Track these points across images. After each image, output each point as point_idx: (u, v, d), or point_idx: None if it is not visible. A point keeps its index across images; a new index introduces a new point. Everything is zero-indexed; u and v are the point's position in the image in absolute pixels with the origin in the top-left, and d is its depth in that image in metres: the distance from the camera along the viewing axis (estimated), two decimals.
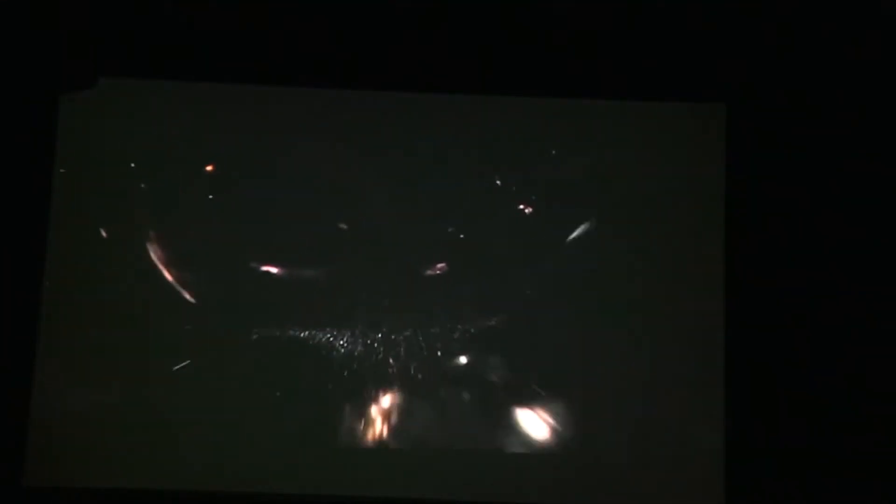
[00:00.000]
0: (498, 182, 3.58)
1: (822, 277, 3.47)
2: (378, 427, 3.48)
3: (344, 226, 3.56)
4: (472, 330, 3.52)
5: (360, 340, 3.51)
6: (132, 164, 3.55)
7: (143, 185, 3.54)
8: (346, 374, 3.49)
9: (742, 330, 3.47)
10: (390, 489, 3.45)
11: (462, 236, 3.56)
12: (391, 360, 3.50)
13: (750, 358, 3.46)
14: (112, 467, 3.43)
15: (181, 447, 3.44)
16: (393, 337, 3.51)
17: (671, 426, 3.46)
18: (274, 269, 3.53)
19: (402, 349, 3.51)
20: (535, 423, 3.48)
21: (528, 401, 3.48)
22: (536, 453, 3.46)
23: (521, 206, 3.57)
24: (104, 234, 3.52)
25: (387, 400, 3.49)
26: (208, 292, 3.51)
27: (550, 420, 3.48)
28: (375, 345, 3.51)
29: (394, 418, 3.48)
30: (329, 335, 3.51)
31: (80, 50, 3.55)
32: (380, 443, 3.47)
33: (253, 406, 3.47)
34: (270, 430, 3.46)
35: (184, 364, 3.47)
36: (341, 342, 3.51)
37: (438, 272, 3.55)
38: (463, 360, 3.51)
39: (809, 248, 3.49)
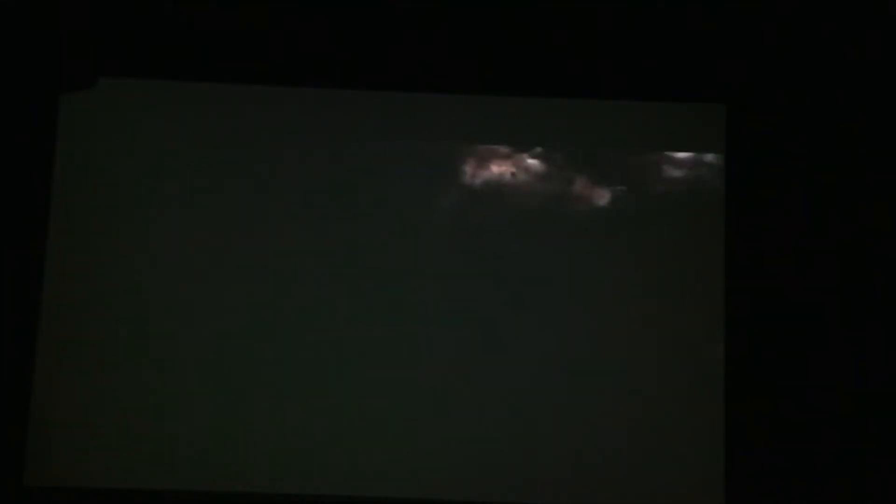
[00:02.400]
0: (497, 182, 3.57)
1: (823, 277, 3.47)
2: (378, 427, 3.47)
3: (344, 225, 3.55)
4: (473, 330, 3.51)
5: (361, 340, 3.50)
6: (132, 164, 3.55)
7: (142, 185, 3.54)
8: (346, 373, 3.49)
9: (742, 330, 3.47)
10: (390, 489, 3.45)
11: (462, 236, 3.56)
12: (391, 360, 3.50)
13: (750, 358, 3.46)
14: (112, 467, 3.43)
15: (181, 447, 3.44)
16: (393, 336, 3.51)
17: (671, 426, 3.46)
18: (274, 269, 3.53)
19: (402, 349, 3.51)
20: (535, 424, 3.47)
21: (528, 401, 3.48)
22: (536, 453, 3.46)
23: (521, 206, 3.57)
24: (104, 234, 3.52)
25: (387, 400, 3.48)
26: (209, 292, 3.51)
27: (550, 420, 3.47)
28: (376, 344, 3.50)
29: (394, 418, 3.48)
30: (329, 335, 3.51)
31: (80, 50, 3.55)
32: (380, 443, 3.46)
33: (253, 406, 3.46)
34: (270, 429, 3.46)
35: (184, 364, 3.47)
36: (342, 341, 3.50)
37: (438, 271, 3.54)
38: (463, 360, 3.50)
39: (809, 248, 3.49)
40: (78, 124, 3.55)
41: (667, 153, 3.59)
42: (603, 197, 3.58)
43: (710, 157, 3.58)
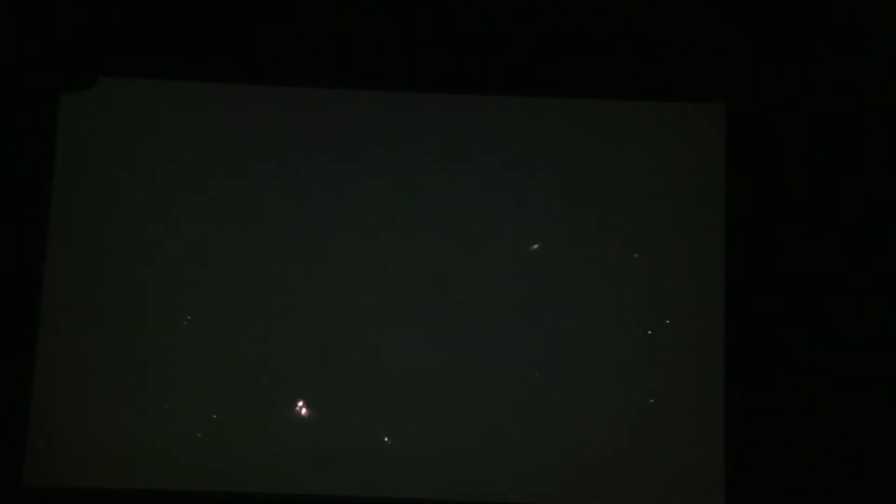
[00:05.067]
0: (498, 182, 3.58)
1: (823, 277, 3.48)
2: (378, 427, 3.47)
3: (344, 226, 3.55)
4: (473, 329, 3.52)
5: (361, 340, 3.51)
6: (132, 164, 3.55)
7: (142, 185, 3.54)
8: (346, 373, 3.49)
9: (742, 329, 3.47)
10: (390, 489, 3.46)
11: (462, 236, 3.56)
12: (391, 360, 3.50)
13: (750, 357, 3.46)
14: (112, 467, 3.43)
15: (181, 447, 3.44)
16: (393, 336, 3.51)
17: (671, 427, 3.46)
18: (274, 268, 3.53)
19: (402, 349, 3.51)
20: (534, 423, 3.47)
21: (528, 401, 3.48)
22: (536, 453, 3.46)
23: (521, 206, 3.57)
24: (104, 234, 3.52)
25: (387, 400, 3.49)
26: (208, 292, 3.51)
27: (550, 420, 3.47)
28: (375, 345, 3.51)
29: (394, 418, 3.48)
30: (329, 335, 3.51)
31: (80, 50, 3.56)
32: (380, 443, 3.47)
33: (252, 406, 3.47)
34: (270, 430, 3.46)
35: (184, 365, 3.47)
36: (341, 342, 3.51)
37: (438, 272, 3.55)
38: (463, 360, 3.50)
39: (809, 248, 3.49)
40: (78, 124, 3.55)
41: (667, 153, 3.59)
42: (603, 197, 3.57)
43: (710, 157, 3.58)
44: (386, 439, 3.47)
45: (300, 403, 3.48)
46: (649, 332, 3.51)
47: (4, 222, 3.48)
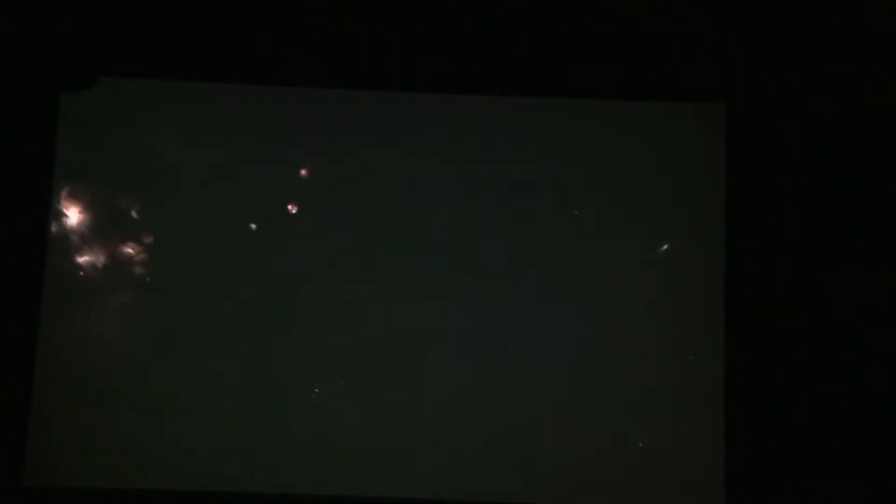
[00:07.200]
0: (498, 182, 3.57)
1: (823, 277, 3.48)
2: (378, 427, 3.47)
3: (343, 225, 3.56)
4: (472, 329, 3.51)
5: (360, 340, 3.51)
6: (132, 164, 3.55)
7: (142, 185, 3.54)
8: (346, 373, 3.49)
9: (742, 330, 3.47)
10: (390, 489, 3.46)
11: (462, 236, 3.56)
12: (391, 361, 3.50)
13: (750, 358, 3.46)
14: (112, 467, 3.43)
15: (181, 447, 3.44)
16: (393, 336, 3.51)
17: (671, 426, 3.46)
18: (274, 268, 3.53)
19: (402, 349, 3.51)
20: (535, 424, 3.47)
21: (528, 401, 3.48)
22: (537, 453, 3.46)
23: (521, 206, 3.57)
24: (104, 233, 3.52)
25: (387, 400, 3.49)
26: (208, 292, 3.51)
27: (551, 420, 3.47)
28: (375, 345, 3.51)
29: (394, 418, 3.48)
30: (329, 335, 3.51)
31: (80, 50, 3.56)
32: (380, 443, 3.46)
33: (252, 406, 3.47)
34: (270, 429, 3.46)
35: (184, 365, 3.47)
36: (342, 342, 3.51)
37: (438, 271, 3.54)
38: (463, 360, 3.50)
39: (809, 248, 3.49)
40: (78, 124, 3.55)
41: (667, 153, 3.59)
42: (603, 197, 3.57)
43: (710, 157, 3.58)
44: (386, 439, 3.47)
45: (300, 404, 3.48)
46: (649, 332, 3.51)
47: (4, 222, 3.48)
